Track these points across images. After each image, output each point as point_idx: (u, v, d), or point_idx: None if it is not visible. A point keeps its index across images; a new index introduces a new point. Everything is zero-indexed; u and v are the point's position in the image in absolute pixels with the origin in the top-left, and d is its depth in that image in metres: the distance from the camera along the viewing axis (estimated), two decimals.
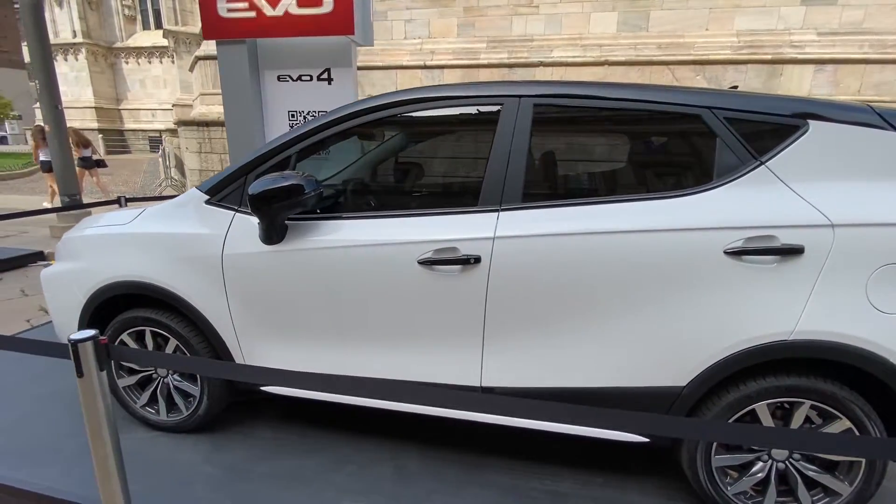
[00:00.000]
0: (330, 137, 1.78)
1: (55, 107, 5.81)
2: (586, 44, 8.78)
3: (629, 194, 1.57)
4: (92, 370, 1.12)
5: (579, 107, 1.64)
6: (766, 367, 1.51)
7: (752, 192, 1.46)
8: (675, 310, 1.48)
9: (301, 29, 3.61)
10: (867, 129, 1.46)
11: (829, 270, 1.40)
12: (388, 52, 9.57)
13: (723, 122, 1.51)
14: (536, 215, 1.56)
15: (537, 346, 1.60)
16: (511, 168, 1.59)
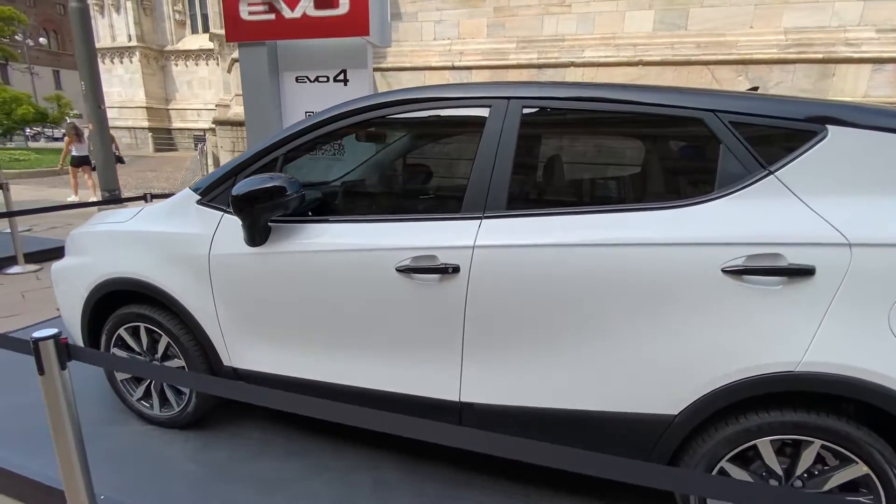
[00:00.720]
0: (318, 139, 1.76)
1: (98, 107, 6.14)
2: (619, 43, 8.48)
3: (622, 204, 1.45)
4: (53, 368, 1.13)
5: (571, 109, 1.53)
6: (770, 400, 1.36)
7: (757, 204, 1.32)
8: (666, 332, 1.35)
9: (318, 31, 3.64)
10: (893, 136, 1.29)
11: (845, 295, 1.24)
12: (417, 52, 9.59)
13: (728, 127, 1.37)
14: (521, 224, 1.47)
15: (518, 363, 1.51)
16: (496, 173, 1.51)
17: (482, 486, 1.77)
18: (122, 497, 1.68)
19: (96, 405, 2.22)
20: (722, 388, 1.32)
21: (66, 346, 1.14)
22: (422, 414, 1.64)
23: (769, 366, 1.28)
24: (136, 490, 1.73)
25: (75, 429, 1.20)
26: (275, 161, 1.77)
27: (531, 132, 1.55)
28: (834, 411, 1.28)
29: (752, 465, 1.38)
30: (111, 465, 1.83)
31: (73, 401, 1.19)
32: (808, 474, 1.34)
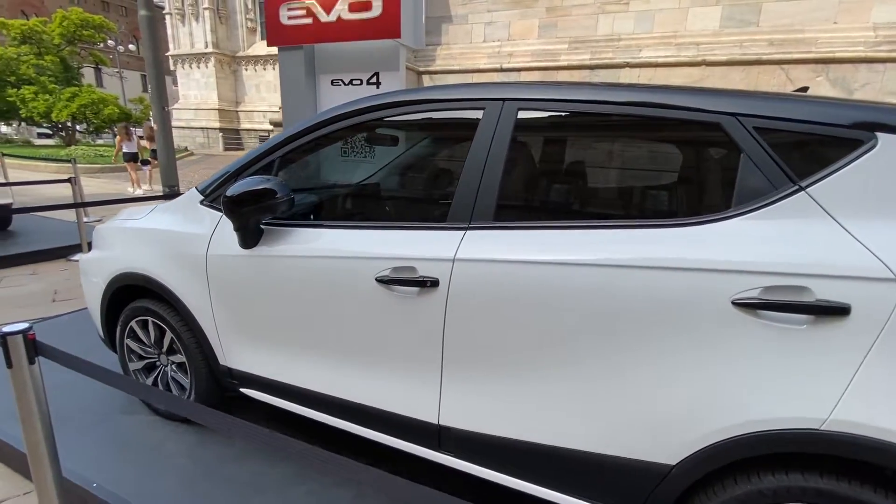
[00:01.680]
0: (312, 142, 1.72)
1: (163, 108, 6.62)
2: (681, 42, 7.95)
3: (623, 220, 1.27)
4: (22, 362, 1.16)
5: (572, 113, 1.38)
6: (790, 461, 1.13)
7: (782, 225, 1.10)
8: (666, 370, 1.16)
9: (352, 34, 3.67)
10: None
11: (888, 342, 1.00)
12: (465, 55, 9.54)
13: (751, 134, 1.16)
14: (508, 237, 1.34)
15: (500, 390, 1.37)
16: (485, 181, 1.39)
17: None
18: (113, 487, 1.73)
19: (108, 391, 2.32)
20: (729, 440, 1.11)
21: (34, 343, 1.17)
22: (400, 433, 1.56)
23: (787, 421, 1.06)
24: (128, 481, 1.77)
25: (44, 421, 1.23)
26: (272, 164, 1.76)
27: (526, 137, 1.42)
28: (871, 482, 1.05)
29: None
30: (110, 453, 1.91)
31: (42, 394, 1.22)
32: None
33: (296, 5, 3.78)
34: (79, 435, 1.98)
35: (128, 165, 10.65)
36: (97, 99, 18.91)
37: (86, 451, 1.91)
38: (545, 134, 1.46)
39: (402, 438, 1.55)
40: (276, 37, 3.99)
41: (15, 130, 26.89)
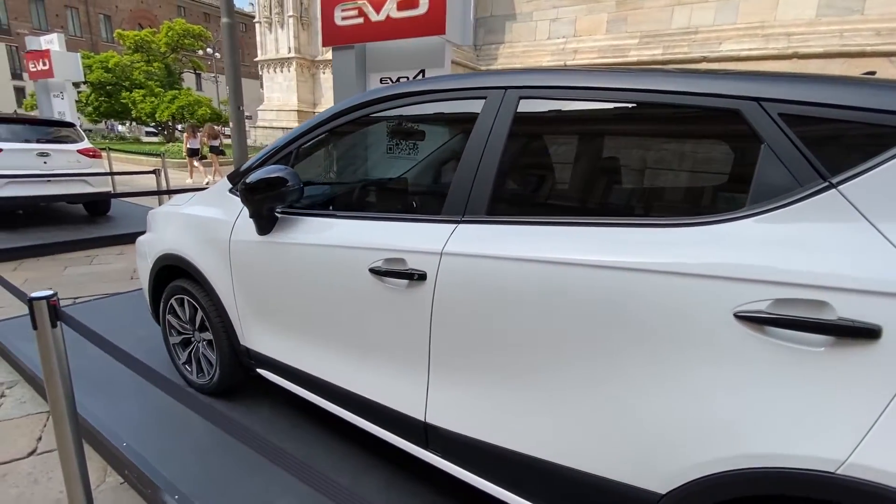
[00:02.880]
0: (322, 136, 1.76)
1: (238, 108, 7.17)
2: (770, 33, 7.19)
3: (625, 217, 1.14)
4: (46, 325, 1.29)
5: (576, 100, 1.26)
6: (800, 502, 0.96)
7: (804, 228, 0.92)
8: (654, 386, 1.03)
9: (400, 31, 3.72)
10: None
11: None
12: (528, 52, 9.35)
13: (775, 121, 0.99)
14: (499, 231, 1.26)
15: (485, 392, 1.30)
16: (481, 173, 1.33)
17: None
18: (140, 449, 1.89)
19: (158, 362, 2.54)
20: (725, 474, 0.96)
21: (55, 309, 1.31)
22: (388, 426, 1.55)
23: (795, 459, 0.89)
24: (154, 445, 1.92)
25: (64, 381, 1.36)
26: (290, 155, 1.82)
27: (525, 127, 1.33)
28: None
29: None
30: (143, 419, 2.08)
31: (63, 356, 1.36)
32: None
33: (349, 6, 3.91)
34: (119, 400, 2.19)
35: (190, 159, 12.16)
36: (193, 101, 21.01)
37: (122, 414, 2.11)
38: (546, 124, 1.36)
39: (392, 433, 1.54)
40: (330, 37, 4.15)
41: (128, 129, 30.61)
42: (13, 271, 4.57)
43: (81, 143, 6.43)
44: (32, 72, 8.98)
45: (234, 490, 1.69)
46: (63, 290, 4.11)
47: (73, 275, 4.59)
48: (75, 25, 40.95)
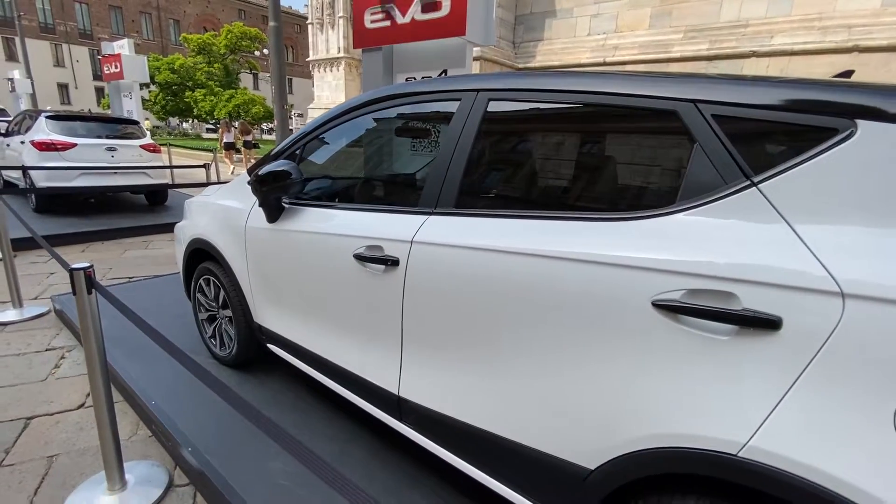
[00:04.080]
0: (320, 135, 1.93)
1: (282, 106, 7.62)
2: (827, 25, 6.71)
3: (569, 210, 1.20)
4: (83, 291, 1.54)
5: (535, 102, 1.33)
6: (713, 486, 1.00)
7: (723, 224, 0.96)
8: (583, 368, 1.10)
9: (424, 33, 3.86)
10: None
11: (827, 368, 0.83)
12: (567, 49, 9.22)
13: (708, 122, 1.04)
14: (462, 223, 1.37)
15: (447, 370, 1.41)
16: (452, 168, 1.43)
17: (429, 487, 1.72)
18: (166, 408, 2.15)
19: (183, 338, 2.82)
20: (641, 453, 1.03)
21: (90, 279, 1.55)
22: (370, 398, 1.70)
23: (701, 440, 0.94)
24: (176, 404, 2.18)
25: (97, 340, 1.61)
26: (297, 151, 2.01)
27: (493, 126, 1.42)
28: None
29: None
30: (170, 382, 2.35)
31: (97, 319, 1.60)
32: None
33: (377, 9, 4.10)
34: (152, 365, 2.48)
35: (225, 153, 13.25)
36: (248, 99, 22.28)
37: (154, 378, 2.39)
38: (509, 124, 1.45)
39: (373, 405, 1.69)
40: (360, 39, 4.36)
41: (190, 126, 32.84)
42: (81, 252, 5.14)
43: (144, 139, 7.07)
44: (106, 74, 9.92)
45: (239, 448, 1.90)
46: (121, 270, 4.60)
47: (130, 257, 5.10)
48: (148, 30, 44.33)
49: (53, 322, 3.32)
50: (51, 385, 2.53)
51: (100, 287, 1.54)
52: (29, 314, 3.35)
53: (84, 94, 39.68)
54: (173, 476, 1.91)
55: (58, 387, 2.52)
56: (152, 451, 2.06)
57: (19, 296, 3.43)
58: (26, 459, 1.97)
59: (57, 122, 6.41)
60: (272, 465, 1.81)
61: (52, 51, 38.51)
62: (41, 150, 6.05)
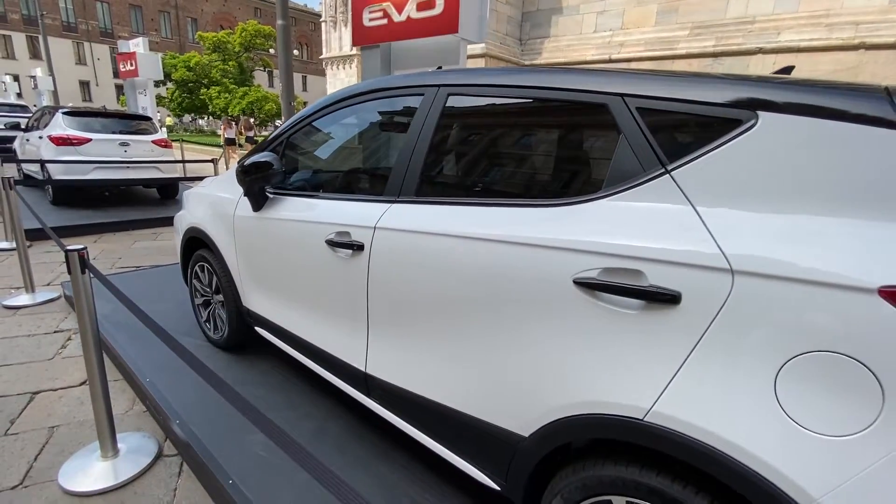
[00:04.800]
0: (300, 129, 2.05)
1: (289, 103, 7.77)
2: (834, 22, 6.62)
3: (511, 198, 1.28)
4: (77, 270, 1.68)
5: (487, 96, 1.41)
6: (633, 451, 1.08)
7: (635, 208, 1.04)
8: (520, 342, 1.18)
9: (418, 31, 3.95)
10: (856, 128, 0.86)
11: (717, 338, 0.90)
12: (573, 47, 9.22)
13: (633, 115, 1.11)
14: (419, 210, 1.46)
15: (406, 347, 1.51)
16: (413, 160, 1.52)
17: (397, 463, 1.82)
18: (160, 385, 2.29)
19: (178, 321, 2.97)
20: (565, 420, 1.11)
21: (84, 260, 1.68)
22: (341, 375, 1.81)
23: (614, 406, 1.02)
24: (167, 382, 2.32)
25: (91, 317, 1.75)
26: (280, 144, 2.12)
27: (449, 121, 1.50)
28: (706, 489, 0.96)
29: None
30: (165, 362, 2.49)
31: (91, 297, 1.74)
32: None
33: (375, 7, 4.20)
34: (148, 347, 2.62)
35: (227, 148, 13.79)
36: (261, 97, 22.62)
37: (150, 358, 2.53)
38: (463, 117, 1.53)
39: (344, 381, 1.80)
40: (359, 37, 4.47)
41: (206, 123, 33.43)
42: (94, 243, 5.36)
43: (156, 134, 7.30)
44: (122, 71, 10.22)
45: (223, 422, 2.03)
46: (130, 260, 4.80)
47: (139, 248, 5.30)
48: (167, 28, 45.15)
49: (63, 307, 3.51)
50: (57, 363, 2.70)
51: (92, 268, 1.67)
52: (41, 299, 3.54)
53: (105, 92, 40.63)
54: (163, 447, 2.04)
55: (63, 365, 2.68)
56: (145, 424, 2.20)
57: (32, 282, 3.62)
58: (29, 429, 2.12)
59: (73, 118, 6.66)
60: (252, 438, 1.93)
61: (75, 49, 39.49)
62: (58, 144, 6.30)
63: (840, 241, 0.83)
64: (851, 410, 0.79)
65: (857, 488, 0.78)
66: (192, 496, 1.79)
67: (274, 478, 1.72)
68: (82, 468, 1.86)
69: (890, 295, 0.76)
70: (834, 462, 0.80)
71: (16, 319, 3.24)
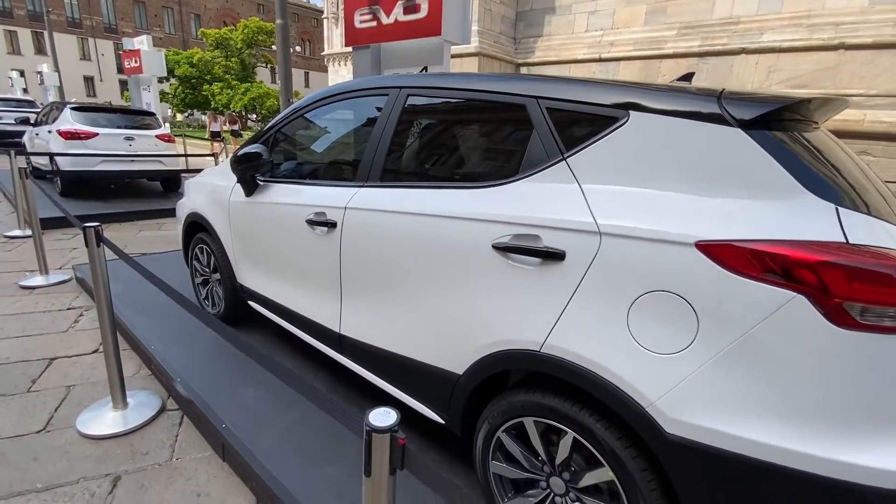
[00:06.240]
0: (287, 124, 2.33)
1: (288, 99, 8.04)
2: (816, 23, 6.83)
3: (451, 181, 1.57)
4: (93, 244, 1.96)
5: (435, 97, 1.70)
6: (538, 380, 1.35)
7: (539, 187, 1.31)
8: (455, 297, 1.44)
9: (404, 33, 4.22)
10: (695, 124, 1.13)
11: (589, 285, 1.17)
12: (565, 46, 9.43)
13: (543, 113, 1.38)
14: (382, 193, 1.72)
15: (370, 308, 1.78)
16: (378, 150, 1.80)
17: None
18: (164, 351, 2.58)
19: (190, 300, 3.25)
20: (488, 356, 1.38)
21: (99, 234, 1.97)
22: (319, 337, 2.09)
23: (520, 342, 1.29)
24: (170, 348, 2.60)
25: (104, 285, 2.03)
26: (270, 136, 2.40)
27: (407, 118, 1.76)
28: (587, 405, 1.23)
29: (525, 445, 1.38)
30: (168, 333, 2.78)
31: (104, 266, 2.02)
32: (568, 467, 1.31)
33: (365, 10, 4.46)
34: (154, 318, 2.91)
35: (212, 141, 14.45)
36: (263, 93, 22.90)
37: (154, 328, 2.82)
38: (418, 115, 1.80)
39: (321, 342, 2.08)
40: (351, 38, 4.73)
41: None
42: None
43: (159, 129, 7.59)
44: (127, 68, 10.51)
45: (218, 378, 2.31)
46: (135, 248, 5.09)
47: (144, 237, 5.60)
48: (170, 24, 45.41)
49: (74, 287, 3.80)
50: (70, 335, 2.99)
51: (106, 241, 1.96)
52: (53, 280, 3.83)
53: (108, 87, 40.96)
54: (166, 403, 2.33)
55: (76, 337, 2.97)
56: (150, 385, 2.49)
57: (46, 265, 3.91)
58: (49, 387, 2.41)
59: (80, 113, 6.95)
60: (244, 392, 2.22)
61: (79, 44, 39.82)
62: (66, 138, 6.59)
63: (674, 210, 1.10)
64: (677, 334, 1.06)
65: (680, 392, 1.05)
66: (190, 440, 2.07)
67: (262, 423, 2.00)
68: (96, 417, 2.15)
69: (703, 248, 1.04)
70: (665, 373, 1.07)
71: (32, 298, 3.53)
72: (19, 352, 2.73)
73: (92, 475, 1.83)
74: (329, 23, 30.10)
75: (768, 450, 0.97)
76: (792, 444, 0.95)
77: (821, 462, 0.93)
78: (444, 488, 0.80)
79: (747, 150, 1.06)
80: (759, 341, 0.98)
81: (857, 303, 0.92)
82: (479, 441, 1.49)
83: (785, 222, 0.99)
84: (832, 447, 0.93)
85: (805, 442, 0.94)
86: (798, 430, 0.96)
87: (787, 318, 0.95)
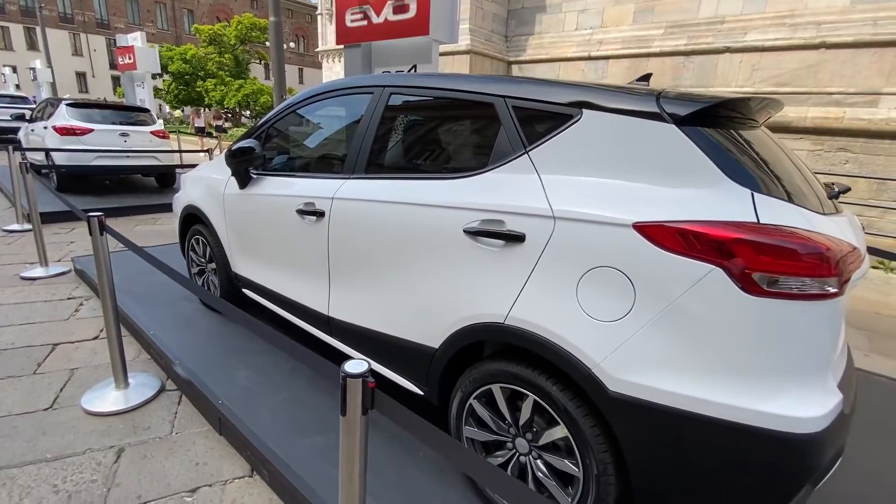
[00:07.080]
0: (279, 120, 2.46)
1: (281, 96, 8.14)
2: (798, 22, 7.01)
3: (427, 173, 1.73)
4: (97, 232, 2.09)
5: (415, 96, 1.85)
6: (504, 351, 1.51)
7: (505, 178, 1.45)
8: (432, 277, 1.59)
9: (394, 32, 4.34)
10: (637, 121, 1.28)
11: (546, 263, 1.32)
12: (555, 44, 9.57)
13: (509, 111, 1.53)
14: (367, 184, 1.87)
15: (356, 290, 1.92)
16: (363, 144, 1.94)
17: None
18: (162, 336, 2.71)
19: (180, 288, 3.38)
20: (460, 329, 1.53)
21: (102, 224, 2.10)
22: (309, 319, 2.23)
23: (487, 316, 1.44)
24: (168, 334, 2.74)
25: (108, 275, 2.16)
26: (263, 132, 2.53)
27: (390, 114, 1.91)
28: (545, 370, 1.38)
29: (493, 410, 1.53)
30: (167, 320, 2.91)
31: (107, 255, 2.15)
32: (530, 427, 1.47)
33: (356, 9, 4.58)
34: (153, 307, 3.05)
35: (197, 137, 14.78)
36: (256, 89, 22.90)
37: (154, 315, 2.96)
38: (399, 112, 1.94)
39: (311, 325, 2.23)
40: (343, 37, 4.85)
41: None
42: None
43: (154, 125, 7.67)
44: (120, 64, 10.55)
45: (214, 360, 2.46)
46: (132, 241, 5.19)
47: (140, 231, 5.71)
48: (163, 19, 45.10)
49: (74, 279, 3.92)
50: (72, 323, 3.12)
51: (109, 229, 2.09)
52: (53, 272, 3.95)
53: (101, 83, 40.68)
54: (165, 384, 2.47)
55: (78, 324, 3.10)
56: (150, 368, 2.63)
57: (46, 257, 4.03)
58: (54, 370, 2.54)
59: (76, 110, 7.02)
60: (238, 374, 2.36)
61: (71, 40, 39.49)
62: (62, 134, 6.67)
63: (617, 196, 1.25)
64: (617, 304, 1.22)
65: (620, 354, 1.21)
66: (189, 416, 2.22)
67: (255, 400, 2.15)
68: (100, 396, 2.29)
69: (639, 228, 1.19)
70: (608, 338, 1.23)
71: (33, 288, 3.65)
72: (24, 338, 2.86)
73: (97, 447, 1.97)
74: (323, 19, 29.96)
75: (692, 401, 1.12)
76: (712, 395, 1.11)
77: (735, 410, 1.09)
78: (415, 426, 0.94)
79: (679, 143, 1.21)
80: (684, 308, 1.13)
81: (765, 273, 1.08)
82: (454, 409, 1.64)
83: (707, 205, 1.15)
84: (744, 397, 1.09)
85: (722, 393, 1.10)
86: (717, 383, 1.12)
87: (707, 288, 1.11)
